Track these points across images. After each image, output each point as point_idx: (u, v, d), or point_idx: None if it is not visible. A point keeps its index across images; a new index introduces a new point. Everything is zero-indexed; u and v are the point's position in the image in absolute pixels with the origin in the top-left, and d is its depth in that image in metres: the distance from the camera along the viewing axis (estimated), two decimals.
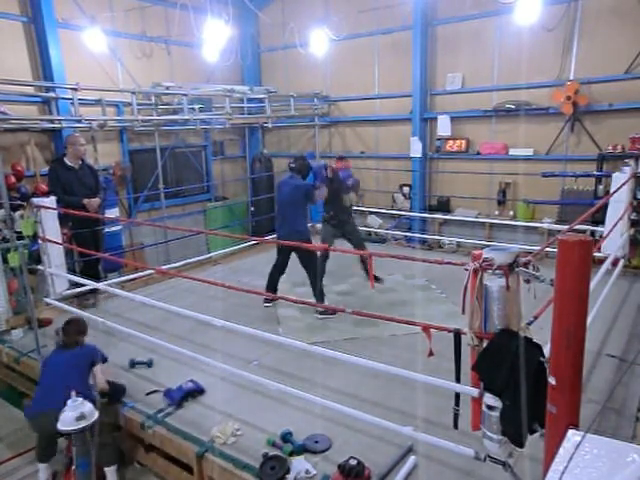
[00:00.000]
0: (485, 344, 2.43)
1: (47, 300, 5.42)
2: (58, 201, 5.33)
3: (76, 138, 5.89)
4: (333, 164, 6.48)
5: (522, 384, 2.23)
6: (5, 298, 5.10)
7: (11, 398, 4.92)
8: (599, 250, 5.46)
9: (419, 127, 8.66)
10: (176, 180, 9.35)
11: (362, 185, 7.93)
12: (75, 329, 3.93)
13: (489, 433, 2.46)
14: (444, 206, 8.71)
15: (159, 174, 8.16)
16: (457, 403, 2.75)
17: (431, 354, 2.70)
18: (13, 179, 6.43)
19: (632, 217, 6.04)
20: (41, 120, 7.09)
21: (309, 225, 9.20)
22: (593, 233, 6.40)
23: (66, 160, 5.80)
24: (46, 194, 5.65)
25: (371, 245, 7.56)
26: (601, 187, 6.82)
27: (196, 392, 3.90)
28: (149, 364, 4.43)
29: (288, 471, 2.98)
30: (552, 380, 2.14)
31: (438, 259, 3.04)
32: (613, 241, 5.50)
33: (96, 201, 5.87)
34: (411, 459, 3.07)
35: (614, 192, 5.38)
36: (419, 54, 8.36)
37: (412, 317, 4.73)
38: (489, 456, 2.60)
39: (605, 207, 5.63)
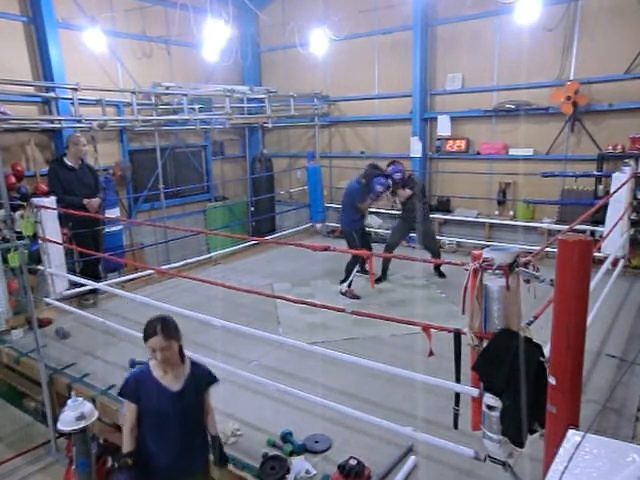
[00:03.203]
0: (485, 344, 2.43)
1: (47, 300, 5.42)
2: (58, 201, 5.33)
3: (78, 138, 5.88)
4: None
5: (522, 384, 2.23)
6: (5, 298, 5.09)
7: (11, 398, 4.93)
8: (599, 250, 5.45)
9: (419, 127, 8.66)
10: (176, 180, 9.35)
11: None
12: None
13: (489, 433, 2.46)
14: (444, 206, 8.71)
15: (159, 174, 8.16)
16: (457, 403, 2.75)
17: (431, 354, 2.70)
18: (13, 179, 6.45)
19: (632, 217, 6.04)
20: (41, 120, 7.10)
21: (309, 225, 9.32)
22: (593, 233, 6.40)
23: (66, 160, 5.80)
24: (46, 194, 5.66)
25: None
26: (601, 187, 6.81)
27: None
28: None
29: (288, 471, 2.98)
30: (552, 380, 2.15)
31: (438, 259, 3.04)
32: (613, 241, 5.50)
33: (96, 201, 5.87)
34: (411, 459, 3.07)
35: (614, 192, 5.37)
36: (419, 54, 8.36)
37: (412, 317, 4.71)
38: (489, 456, 2.59)
39: (605, 207, 5.63)
